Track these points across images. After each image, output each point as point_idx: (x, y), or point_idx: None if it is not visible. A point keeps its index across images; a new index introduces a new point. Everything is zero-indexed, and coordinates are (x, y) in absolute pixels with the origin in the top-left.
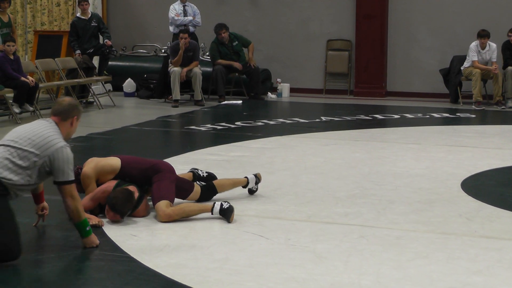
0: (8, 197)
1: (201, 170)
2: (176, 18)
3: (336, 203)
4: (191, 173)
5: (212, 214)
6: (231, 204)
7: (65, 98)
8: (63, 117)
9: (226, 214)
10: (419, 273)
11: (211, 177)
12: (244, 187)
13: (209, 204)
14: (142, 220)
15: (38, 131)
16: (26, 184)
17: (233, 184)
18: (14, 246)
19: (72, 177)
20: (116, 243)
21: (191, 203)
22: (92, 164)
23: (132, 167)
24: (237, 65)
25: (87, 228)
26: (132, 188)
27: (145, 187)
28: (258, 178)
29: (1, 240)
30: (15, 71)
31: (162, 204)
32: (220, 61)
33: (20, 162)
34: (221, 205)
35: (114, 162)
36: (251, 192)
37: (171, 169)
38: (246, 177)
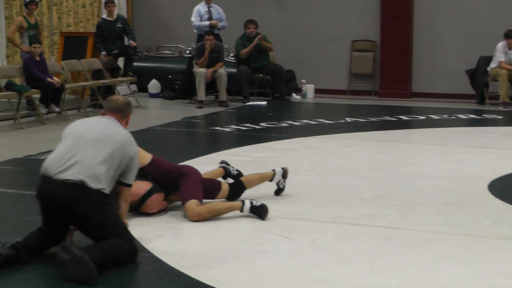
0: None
1: (232, 167)
2: (194, 23)
3: (361, 205)
4: (222, 169)
5: (241, 212)
6: (262, 202)
7: (117, 96)
8: (122, 115)
9: (261, 212)
10: (445, 276)
11: (240, 175)
12: (271, 180)
13: (238, 202)
14: (168, 221)
15: (117, 130)
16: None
17: (261, 178)
18: (136, 248)
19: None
20: (142, 243)
21: (220, 202)
22: None
23: (159, 166)
24: (259, 37)
25: None
26: (146, 184)
27: (169, 190)
28: (285, 172)
29: (129, 244)
30: (41, 72)
31: (192, 203)
32: (244, 51)
33: (108, 164)
34: (251, 203)
35: (145, 156)
36: (279, 191)
37: (196, 172)
38: (273, 169)
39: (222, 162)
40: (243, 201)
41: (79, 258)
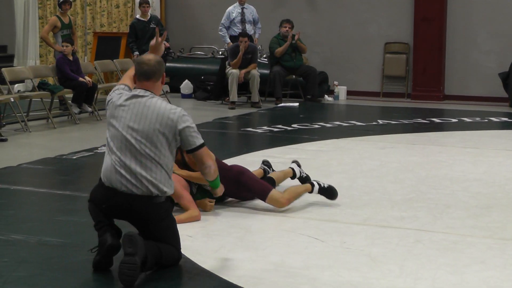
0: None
1: (272, 169)
2: (222, 28)
3: (392, 207)
4: (261, 171)
5: (311, 193)
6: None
7: (149, 57)
8: (157, 77)
9: (330, 193)
10: (476, 279)
11: (308, 178)
12: (293, 177)
13: (308, 184)
14: (198, 222)
15: (154, 114)
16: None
17: (284, 175)
18: (180, 253)
19: (201, 138)
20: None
21: (294, 186)
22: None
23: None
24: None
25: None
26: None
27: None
28: (298, 163)
29: (179, 255)
30: (74, 72)
31: (276, 194)
32: (279, 50)
33: (163, 156)
34: (319, 184)
35: None
36: (304, 180)
37: (245, 169)
38: (290, 167)
39: (265, 163)
40: (312, 183)
41: (132, 261)
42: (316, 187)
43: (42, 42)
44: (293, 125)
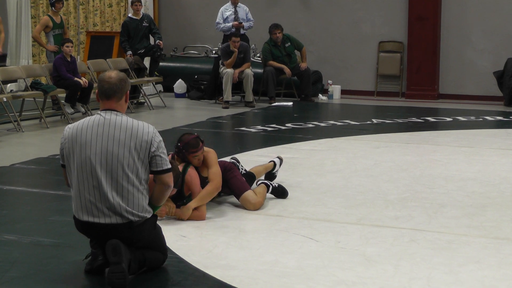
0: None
1: (241, 166)
2: (218, 25)
3: (386, 206)
4: (272, 164)
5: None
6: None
7: (110, 74)
8: (119, 96)
9: (282, 193)
10: (470, 279)
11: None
12: (272, 171)
13: (263, 185)
14: (191, 221)
15: (122, 135)
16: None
17: (265, 169)
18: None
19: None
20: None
21: (260, 187)
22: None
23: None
24: (287, 71)
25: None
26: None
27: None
28: (281, 160)
29: (165, 258)
30: (71, 72)
31: (251, 195)
32: (271, 62)
33: (137, 179)
34: (271, 185)
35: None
36: (273, 177)
37: (234, 167)
38: (272, 161)
39: (233, 159)
40: (267, 184)
41: (119, 269)
42: (270, 188)
43: (35, 41)
44: (287, 125)
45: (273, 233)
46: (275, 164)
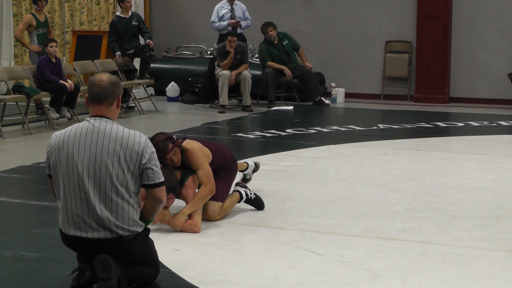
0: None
1: (250, 191)
2: (213, 24)
3: (394, 218)
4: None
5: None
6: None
7: (101, 77)
8: (110, 100)
9: (259, 205)
10: None
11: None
12: (242, 171)
13: (236, 193)
14: (184, 234)
15: (111, 146)
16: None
17: (239, 166)
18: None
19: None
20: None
21: (227, 201)
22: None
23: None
24: (287, 72)
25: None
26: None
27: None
28: (257, 167)
29: (157, 273)
30: (56, 74)
31: (217, 208)
32: (270, 63)
33: (127, 192)
34: (247, 195)
35: (208, 153)
36: (246, 180)
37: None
38: (246, 162)
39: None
40: (239, 192)
41: (108, 285)
42: (244, 197)
43: (17, 42)
44: (287, 130)
45: (273, 246)
46: (248, 167)
